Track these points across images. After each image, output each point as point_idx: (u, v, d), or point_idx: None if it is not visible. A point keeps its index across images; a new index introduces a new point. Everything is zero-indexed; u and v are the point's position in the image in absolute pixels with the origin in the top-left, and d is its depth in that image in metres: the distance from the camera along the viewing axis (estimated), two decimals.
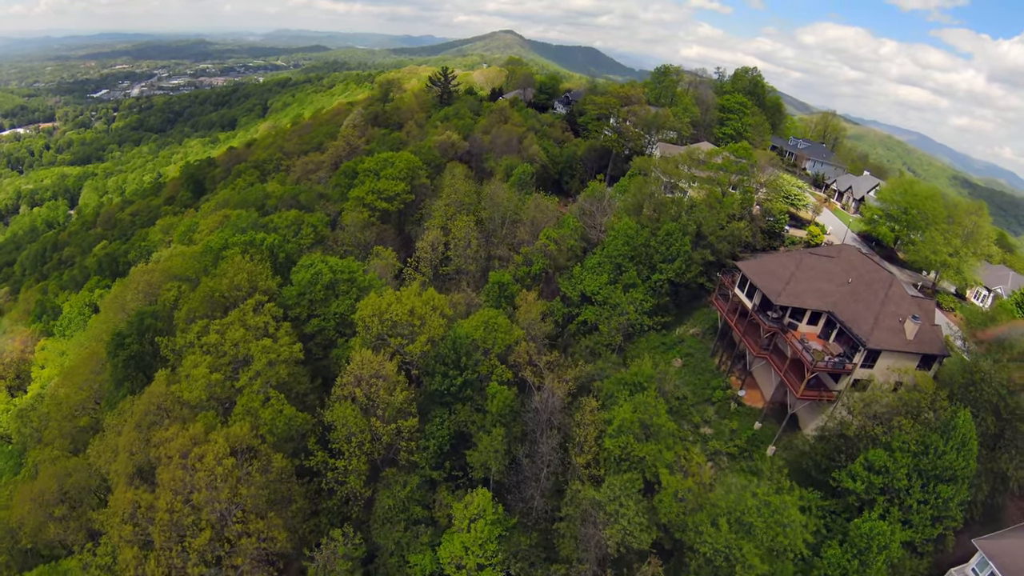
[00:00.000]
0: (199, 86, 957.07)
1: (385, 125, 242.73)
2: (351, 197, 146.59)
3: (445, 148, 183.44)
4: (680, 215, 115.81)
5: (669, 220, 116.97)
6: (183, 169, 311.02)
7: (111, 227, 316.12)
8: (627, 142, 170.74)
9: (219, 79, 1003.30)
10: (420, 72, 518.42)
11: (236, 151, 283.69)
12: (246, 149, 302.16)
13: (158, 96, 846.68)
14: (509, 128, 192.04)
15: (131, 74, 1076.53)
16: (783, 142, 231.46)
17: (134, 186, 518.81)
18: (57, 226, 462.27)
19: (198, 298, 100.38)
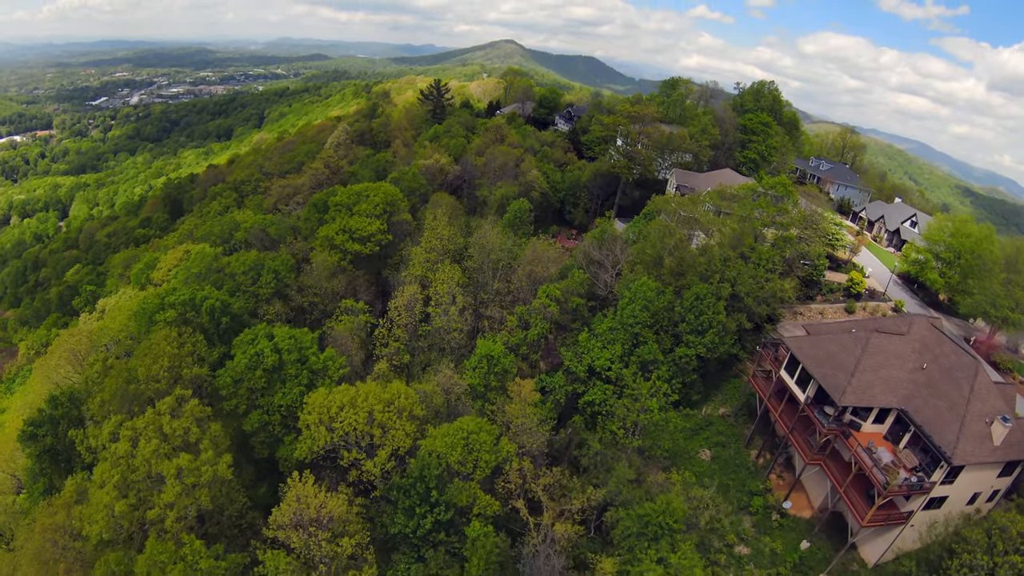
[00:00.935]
0: (198, 95, 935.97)
1: (371, 144, 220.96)
2: (319, 236, 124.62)
3: (432, 174, 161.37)
4: (712, 274, 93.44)
5: (697, 278, 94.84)
6: (162, 188, 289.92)
7: (88, 248, 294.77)
8: (638, 167, 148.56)
9: (219, 87, 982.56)
10: (417, 82, 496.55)
11: (216, 169, 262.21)
12: (228, 167, 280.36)
13: (156, 104, 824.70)
14: (505, 150, 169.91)
15: (131, 81, 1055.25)
16: (804, 163, 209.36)
17: (124, 198, 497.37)
18: (46, 239, 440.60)
19: (110, 389, 78.27)
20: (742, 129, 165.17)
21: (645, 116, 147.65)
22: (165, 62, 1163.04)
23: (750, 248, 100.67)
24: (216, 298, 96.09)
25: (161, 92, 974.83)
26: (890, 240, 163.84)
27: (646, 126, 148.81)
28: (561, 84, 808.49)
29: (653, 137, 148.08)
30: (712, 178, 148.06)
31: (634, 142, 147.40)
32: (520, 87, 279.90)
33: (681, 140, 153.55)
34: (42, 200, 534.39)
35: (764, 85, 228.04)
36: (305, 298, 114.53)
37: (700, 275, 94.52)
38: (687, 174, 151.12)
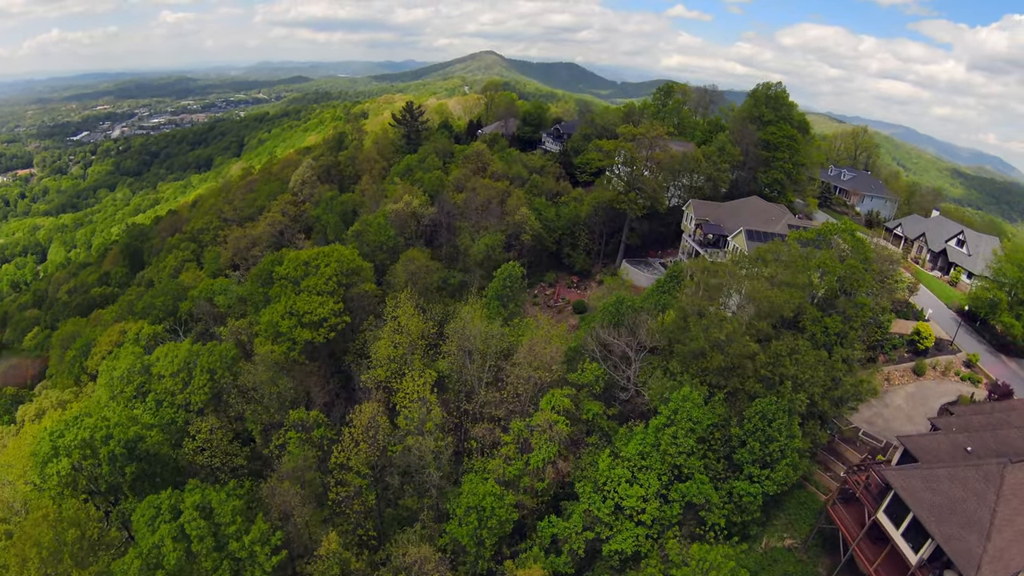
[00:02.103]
0: (180, 124, 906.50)
1: (339, 180, 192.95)
2: (262, 322, 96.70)
3: (403, 220, 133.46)
4: (777, 375, 65.73)
5: (758, 383, 67.26)
6: (122, 237, 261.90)
7: (48, 308, 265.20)
8: (645, 199, 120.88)
9: (201, 115, 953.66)
10: (396, 101, 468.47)
11: (175, 216, 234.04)
12: (191, 208, 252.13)
13: (136, 137, 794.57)
14: (487, 184, 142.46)
15: (112, 114, 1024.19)
16: (822, 172, 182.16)
17: (100, 240, 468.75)
18: (24, 287, 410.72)
19: None
20: (764, 145, 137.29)
21: (654, 139, 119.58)
22: (146, 92, 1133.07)
23: (815, 320, 73.22)
24: (119, 440, 68.23)
25: (142, 123, 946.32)
26: (934, 262, 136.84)
27: (654, 149, 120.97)
28: (543, 94, 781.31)
29: (663, 162, 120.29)
30: (738, 209, 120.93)
31: (640, 169, 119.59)
32: (502, 103, 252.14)
33: (696, 163, 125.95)
34: (21, 243, 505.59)
35: (770, 87, 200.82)
36: (248, 406, 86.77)
37: (762, 379, 66.72)
38: (707, 205, 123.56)
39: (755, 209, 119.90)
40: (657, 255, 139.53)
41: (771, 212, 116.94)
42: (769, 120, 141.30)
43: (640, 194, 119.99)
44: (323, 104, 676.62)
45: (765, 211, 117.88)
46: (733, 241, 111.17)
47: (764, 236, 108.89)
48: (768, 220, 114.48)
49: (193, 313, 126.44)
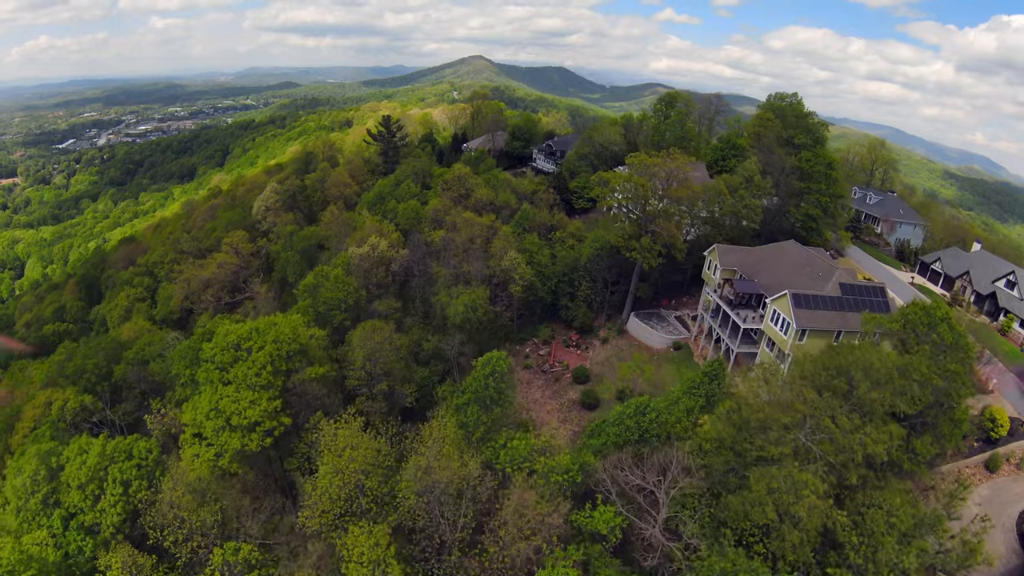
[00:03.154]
0: (167, 131, 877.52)
1: (306, 206, 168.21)
2: (184, 419, 73.12)
3: (370, 266, 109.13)
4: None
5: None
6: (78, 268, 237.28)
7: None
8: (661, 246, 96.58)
9: (188, 122, 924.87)
10: (380, 109, 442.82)
11: (134, 245, 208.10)
12: (154, 232, 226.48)
13: (120, 146, 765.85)
14: (470, 219, 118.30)
15: (99, 122, 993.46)
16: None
17: (77, 255, 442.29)
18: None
19: None
20: (798, 173, 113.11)
21: (673, 172, 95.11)
22: (134, 99, 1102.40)
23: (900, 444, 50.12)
24: None
25: (129, 131, 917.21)
26: (980, 306, 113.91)
27: (671, 183, 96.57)
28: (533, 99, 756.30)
29: (683, 198, 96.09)
30: (773, 258, 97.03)
31: (655, 210, 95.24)
32: (489, 114, 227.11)
33: (718, 197, 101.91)
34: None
35: (784, 98, 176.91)
36: (166, 535, 63.64)
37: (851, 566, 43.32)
38: (734, 251, 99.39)
39: (795, 258, 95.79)
40: (670, 305, 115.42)
41: (815, 263, 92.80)
42: (802, 144, 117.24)
43: (654, 239, 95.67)
44: (308, 112, 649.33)
45: (808, 262, 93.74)
46: (773, 305, 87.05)
47: (815, 301, 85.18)
48: (814, 274, 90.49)
49: (128, 381, 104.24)
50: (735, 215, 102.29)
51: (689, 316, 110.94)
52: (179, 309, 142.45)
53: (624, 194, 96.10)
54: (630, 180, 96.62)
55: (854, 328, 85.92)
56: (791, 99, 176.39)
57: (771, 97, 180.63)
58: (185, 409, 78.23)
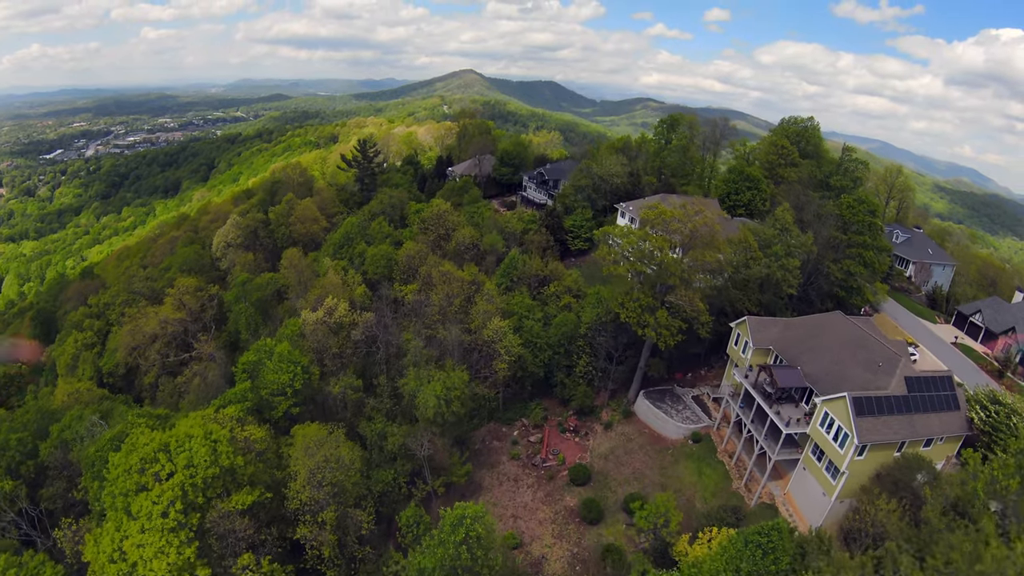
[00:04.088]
0: (155, 143, 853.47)
1: (270, 244, 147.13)
2: (86, 555, 53.85)
3: (324, 337, 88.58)
4: None
5: None
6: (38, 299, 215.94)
7: None
8: (682, 321, 76.04)
9: (177, 134, 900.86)
10: (367, 125, 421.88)
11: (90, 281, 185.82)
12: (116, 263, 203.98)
13: (107, 158, 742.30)
14: (448, 272, 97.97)
15: (87, 132, 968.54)
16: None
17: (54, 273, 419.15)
18: None
19: None
20: (839, 223, 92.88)
21: (698, 230, 74.51)
22: (125, 109, 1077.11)
23: None
24: None
25: (117, 142, 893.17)
26: None
27: (694, 242, 76.11)
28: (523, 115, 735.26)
29: (711, 264, 75.65)
30: (815, 334, 77.33)
31: (675, 277, 74.56)
32: (476, 134, 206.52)
33: (749, 253, 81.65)
34: None
35: (799, 122, 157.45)
36: None
37: None
38: (768, 325, 79.27)
39: (844, 337, 75.58)
40: (686, 379, 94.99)
41: (871, 346, 72.71)
42: (838, 186, 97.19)
43: (673, 312, 75.36)
44: (296, 126, 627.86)
45: (861, 342, 73.61)
46: (826, 407, 66.85)
47: (878, 405, 65.44)
48: (871, 363, 70.37)
49: (49, 465, 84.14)
50: (768, 277, 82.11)
51: (709, 396, 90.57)
52: (124, 365, 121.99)
53: (636, 256, 75.55)
54: (643, 239, 75.97)
55: (921, 435, 66.99)
56: (807, 123, 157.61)
57: (784, 121, 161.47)
58: (88, 541, 58.32)
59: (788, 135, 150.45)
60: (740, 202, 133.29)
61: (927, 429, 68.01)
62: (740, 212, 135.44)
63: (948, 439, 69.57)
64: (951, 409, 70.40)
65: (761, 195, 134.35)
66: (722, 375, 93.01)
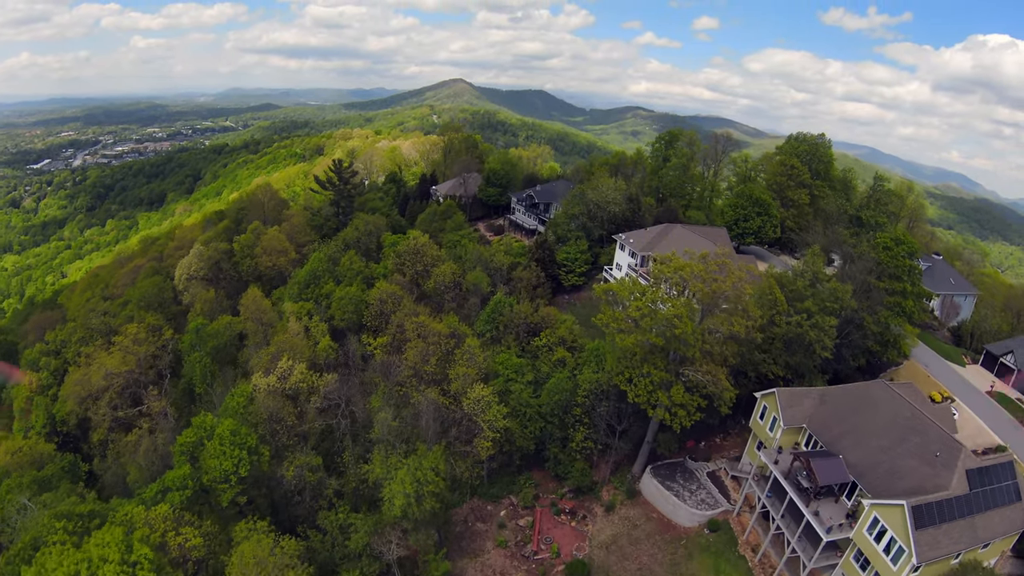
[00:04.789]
0: (144, 153, 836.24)
1: (234, 277, 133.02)
2: None
3: (278, 407, 74.68)
4: None
5: None
6: None
7: None
8: (702, 398, 62.33)
9: (165, 144, 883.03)
10: (353, 137, 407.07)
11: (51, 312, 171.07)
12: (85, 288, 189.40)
13: (92, 169, 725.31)
14: (423, 325, 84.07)
15: (76, 142, 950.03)
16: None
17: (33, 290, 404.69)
18: None
19: None
20: (876, 269, 79.21)
21: (723, 292, 60.64)
22: (114, 119, 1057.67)
23: None
24: None
25: (105, 151, 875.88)
26: None
27: (717, 304, 62.33)
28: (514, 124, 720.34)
29: (739, 334, 61.65)
30: (856, 409, 63.57)
31: (694, 349, 60.78)
32: (462, 150, 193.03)
33: (779, 313, 67.98)
34: None
35: (809, 139, 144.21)
36: None
37: None
38: (802, 400, 65.55)
39: (891, 414, 62.23)
40: (699, 448, 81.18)
41: (923, 428, 59.41)
42: (875, 222, 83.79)
43: (691, 388, 61.75)
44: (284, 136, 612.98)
45: (913, 425, 60.18)
46: (876, 511, 53.51)
47: (939, 511, 52.53)
48: (925, 451, 57.25)
49: None
50: (799, 338, 68.53)
51: (727, 472, 76.79)
52: (76, 416, 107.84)
53: (648, 325, 61.53)
54: (656, 299, 62.03)
55: (983, 540, 54.63)
56: (818, 140, 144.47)
57: (792, 138, 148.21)
58: None
59: (797, 153, 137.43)
60: (749, 229, 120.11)
61: (989, 531, 55.15)
62: (749, 241, 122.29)
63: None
64: (1013, 501, 57.50)
65: (772, 221, 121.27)
66: (741, 443, 79.46)
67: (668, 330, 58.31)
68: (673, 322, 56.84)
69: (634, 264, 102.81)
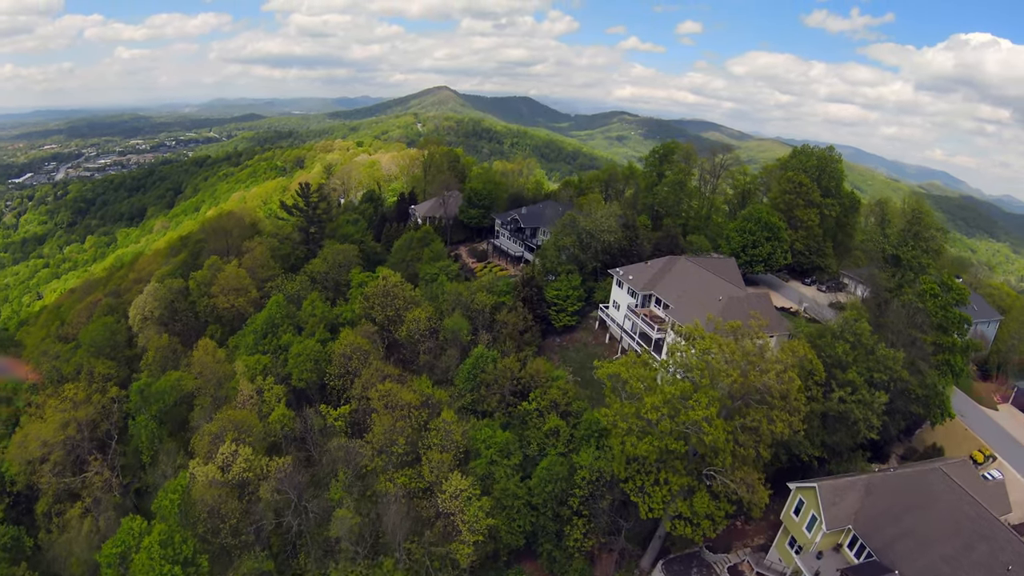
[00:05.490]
0: (126, 165, 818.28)
1: (190, 317, 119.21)
2: None
3: (219, 502, 60.99)
4: None
5: None
6: None
7: None
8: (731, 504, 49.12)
9: (149, 156, 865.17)
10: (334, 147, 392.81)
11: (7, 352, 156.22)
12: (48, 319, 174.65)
13: (74, 183, 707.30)
14: (390, 396, 70.32)
15: (58, 155, 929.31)
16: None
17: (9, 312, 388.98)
18: None
19: None
20: (922, 320, 66.07)
21: (755, 379, 47.39)
22: (98, 131, 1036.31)
23: None
24: None
25: (88, 165, 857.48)
26: None
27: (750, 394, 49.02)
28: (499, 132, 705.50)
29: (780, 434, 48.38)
30: (912, 505, 49.78)
31: (723, 452, 47.49)
32: (444, 165, 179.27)
33: (817, 384, 54.86)
34: None
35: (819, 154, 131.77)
36: None
37: None
38: (844, 493, 52.58)
39: (952, 516, 49.44)
40: (718, 536, 67.79)
41: (991, 532, 47.20)
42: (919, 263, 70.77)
43: (716, 493, 48.64)
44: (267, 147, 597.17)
45: (979, 529, 47.57)
46: None
47: None
48: (992, 559, 45.49)
49: None
50: (842, 416, 55.53)
51: (751, 566, 63.40)
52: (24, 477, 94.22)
53: (666, 428, 47.80)
54: (681, 396, 48.46)
55: None
56: (827, 154, 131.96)
57: (799, 152, 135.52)
58: None
59: (806, 169, 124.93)
60: (758, 256, 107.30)
61: None
62: (758, 269, 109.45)
63: None
64: None
65: (782, 246, 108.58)
66: (766, 527, 66.30)
67: (694, 435, 45.10)
68: (701, 427, 43.64)
69: (634, 304, 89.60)
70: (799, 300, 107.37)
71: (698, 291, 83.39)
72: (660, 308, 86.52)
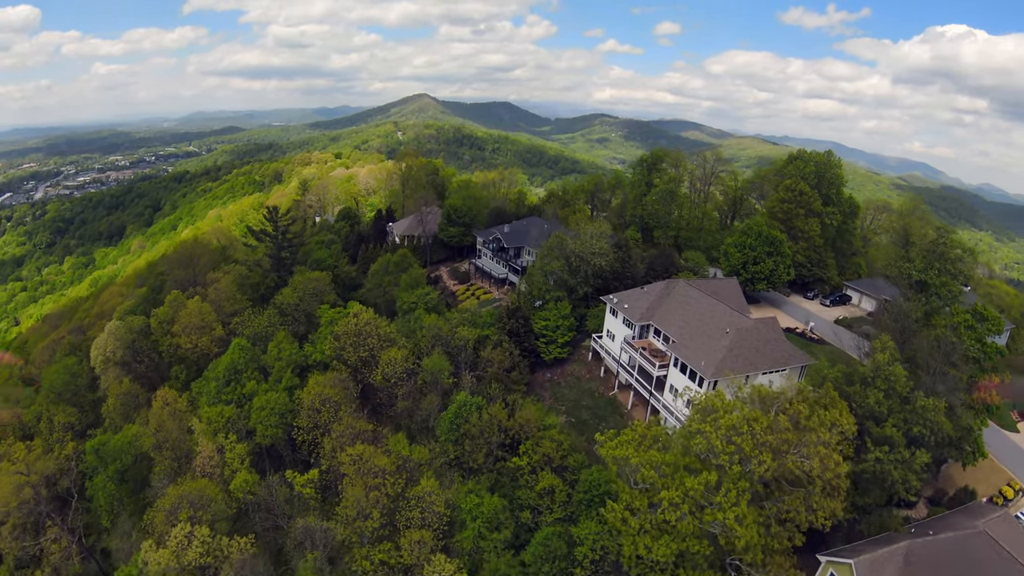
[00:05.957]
0: (106, 182, 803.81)
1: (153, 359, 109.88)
2: None
3: None
4: None
5: None
6: None
7: None
8: None
9: (128, 172, 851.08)
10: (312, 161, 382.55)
11: None
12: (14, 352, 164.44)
13: (52, 203, 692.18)
14: (362, 459, 61.50)
15: (37, 174, 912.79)
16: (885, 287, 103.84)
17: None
18: None
19: None
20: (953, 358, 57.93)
21: (793, 465, 39.13)
22: (77, 148, 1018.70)
23: None
24: None
25: (67, 183, 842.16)
26: None
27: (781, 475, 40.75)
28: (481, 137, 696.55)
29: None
30: None
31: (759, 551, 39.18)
32: (422, 178, 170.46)
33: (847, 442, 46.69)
34: None
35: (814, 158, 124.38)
36: None
37: None
38: (882, 567, 44.04)
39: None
40: None
41: None
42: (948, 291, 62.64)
43: None
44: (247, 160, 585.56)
45: None
46: None
47: None
48: None
49: None
50: (878, 477, 47.50)
51: None
52: None
53: (686, 529, 39.23)
54: (707, 488, 39.80)
55: None
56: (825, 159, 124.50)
57: (795, 158, 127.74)
58: None
59: (804, 175, 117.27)
60: (760, 273, 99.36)
61: None
62: (760, 287, 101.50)
63: None
64: None
65: (785, 261, 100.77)
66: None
67: (723, 535, 36.82)
68: (733, 529, 35.38)
69: (631, 336, 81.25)
70: (805, 319, 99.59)
71: (701, 321, 75.21)
72: (660, 340, 78.21)
